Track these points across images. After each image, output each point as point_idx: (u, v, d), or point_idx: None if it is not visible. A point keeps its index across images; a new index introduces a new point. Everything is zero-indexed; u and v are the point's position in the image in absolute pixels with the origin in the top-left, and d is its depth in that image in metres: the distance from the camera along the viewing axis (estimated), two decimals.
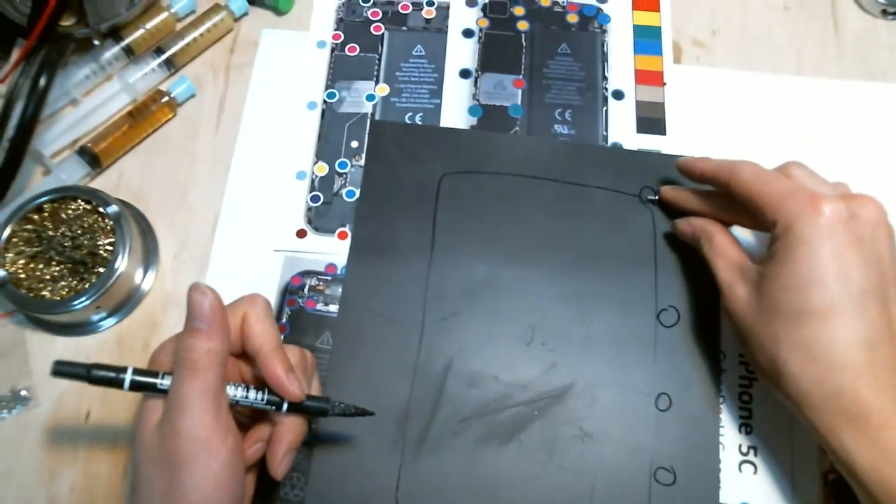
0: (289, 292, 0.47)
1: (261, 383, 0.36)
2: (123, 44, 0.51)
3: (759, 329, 0.38)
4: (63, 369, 0.34)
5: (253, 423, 0.38)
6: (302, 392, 0.36)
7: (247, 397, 0.36)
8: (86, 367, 0.34)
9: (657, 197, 0.48)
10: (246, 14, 0.55)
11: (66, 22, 0.50)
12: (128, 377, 0.34)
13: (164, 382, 0.34)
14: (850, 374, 0.35)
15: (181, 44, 0.52)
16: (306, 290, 0.47)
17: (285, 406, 0.36)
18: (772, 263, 0.38)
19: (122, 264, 0.44)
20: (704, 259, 0.43)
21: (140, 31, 0.52)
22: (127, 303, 0.46)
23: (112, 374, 0.34)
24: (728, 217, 0.43)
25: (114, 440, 0.44)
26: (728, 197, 0.42)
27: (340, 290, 0.47)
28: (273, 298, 0.47)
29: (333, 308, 0.46)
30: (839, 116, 0.51)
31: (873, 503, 0.35)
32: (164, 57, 0.51)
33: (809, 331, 0.36)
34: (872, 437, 0.34)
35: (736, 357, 0.45)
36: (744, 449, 0.43)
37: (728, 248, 0.41)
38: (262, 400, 0.36)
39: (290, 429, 0.37)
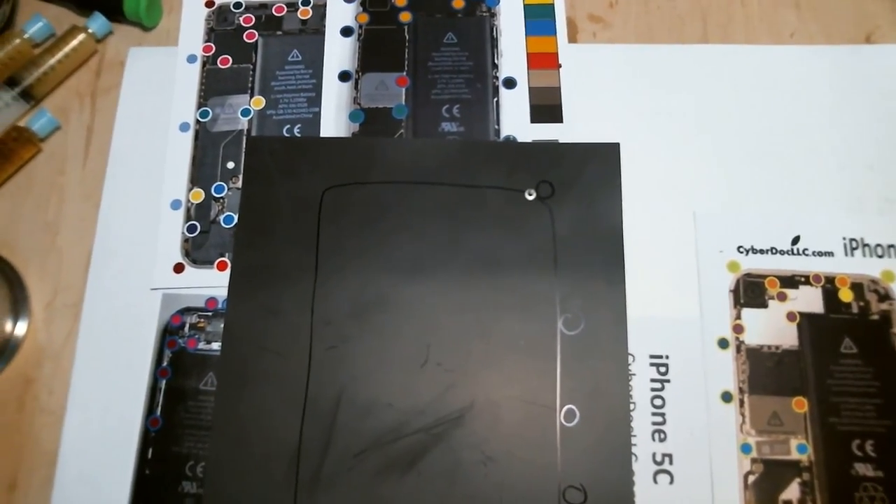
0: (169, 333, 0.44)
1: None
2: None
3: None
4: None
5: None
6: None
7: None
8: None
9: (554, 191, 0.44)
10: (110, 33, 0.51)
11: None
12: None
13: None
14: None
15: (37, 73, 0.48)
16: (187, 328, 0.44)
17: None
18: None
19: None
20: None
21: None
22: None
23: None
24: None
25: None
26: None
27: (222, 325, 0.43)
28: (152, 341, 0.43)
29: (216, 346, 0.43)
30: (750, 83, 0.47)
31: None
32: (19, 89, 0.48)
33: None
34: None
35: (647, 359, 0.42)
36: (658, 458, 0.40)
37: None
38: None
39: None
